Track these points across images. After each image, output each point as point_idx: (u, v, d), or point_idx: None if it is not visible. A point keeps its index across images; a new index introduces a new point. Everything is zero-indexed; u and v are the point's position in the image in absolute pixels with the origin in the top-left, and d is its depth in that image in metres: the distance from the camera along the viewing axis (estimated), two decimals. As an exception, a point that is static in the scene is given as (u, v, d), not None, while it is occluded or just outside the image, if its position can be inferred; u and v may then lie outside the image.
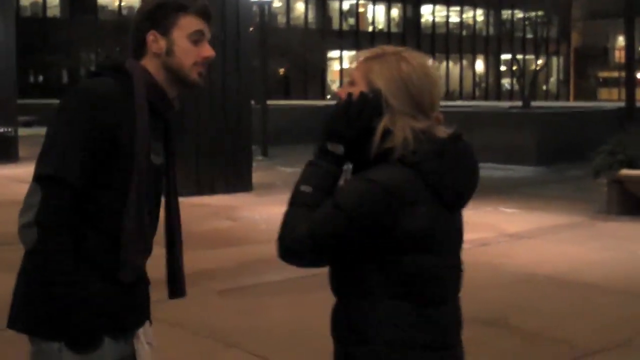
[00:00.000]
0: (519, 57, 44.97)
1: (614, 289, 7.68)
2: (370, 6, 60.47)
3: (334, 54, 56.95)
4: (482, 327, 6.33)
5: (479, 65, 66.23)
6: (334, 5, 58.58)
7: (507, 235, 10.38)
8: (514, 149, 18.69)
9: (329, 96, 52.82)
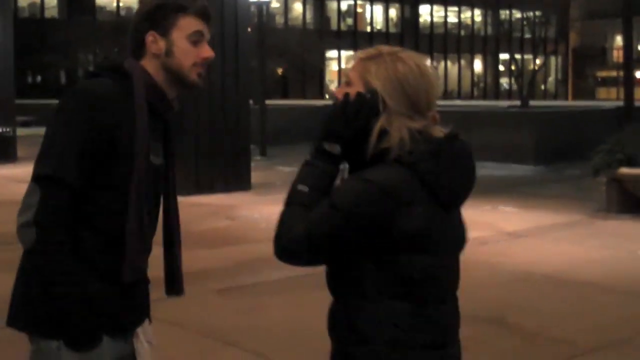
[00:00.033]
0: (517, 57, 45.02)
1: (613, 288, 7.67)
2: (368, 6, 60.47)
3: (332, 54, 56.94)
4: (481, 326, 6.33)
5: (477, 65, 66.24)
6: (332, 5, 58.57)
7: (506, 234, 10.38)
8: (513, 148, 18.67)
9: (327, 96, 52.78)
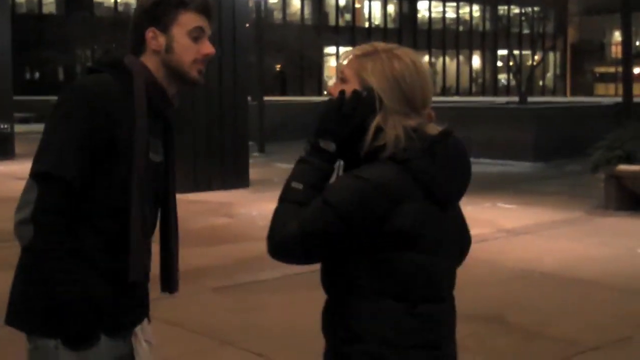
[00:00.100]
0: (516, 52, 44.98)
1: (612, 285, 7.66)
2: (366, 2, 60.41)
3: (330, 49, 56.87)
4: (480, 323, 6.32)
5: (476, 61, 66.23)
6: (330, 1, 58.51)
7: (504, 231, 10.36)
8: (512, 144, 18.67)
9: (325, 92, 52.77)
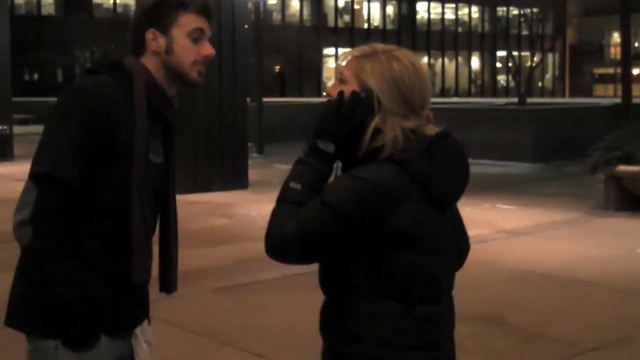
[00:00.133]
0: (515, 54, 44.97)
1: (611, 286, 7.66)
2: (365, 3, 60.40)
3: (329, 51, 56.86)
4: (480, 324, 6.31)
5: (475, 62, 66.23)
6: (329, 2, 58.49)
7: (504, 232, 10.36)
8: (511, 145, 18.67)
9: (324, 93, 52.76)
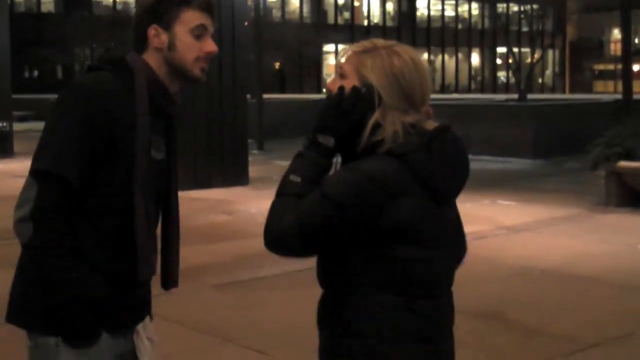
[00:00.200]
0: (515, 50, 44.94)
1: (612, 282, 7.65)
2: (365, 0, 60.39)
3: (329, 47, 56.81)
4: (480, 320, 6.31)
5: (475, 58, 66.22)
6: (329, -1, 58.52)
7: (504, 228, 10.35)
8: (511, 142, 18.66)
9: (324, 90, 52.59)
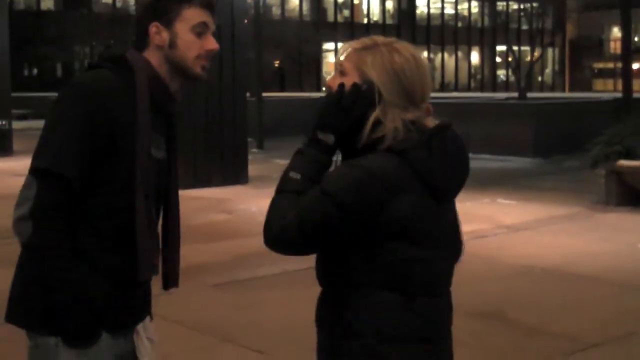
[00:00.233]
0: (515, 48, 44.90)
1: (612, 281, 7.65)
2: (365, -2, 60.42)
3: (329, 45, 56.80)
4: (480, 320, 6.30)
5: (474, 56, 66.21)
6: (329, -3, 58.50)
7: (504, 227, 10.34)
8: (511, 140, 18.65)
9: (324, 88, 52.65)
